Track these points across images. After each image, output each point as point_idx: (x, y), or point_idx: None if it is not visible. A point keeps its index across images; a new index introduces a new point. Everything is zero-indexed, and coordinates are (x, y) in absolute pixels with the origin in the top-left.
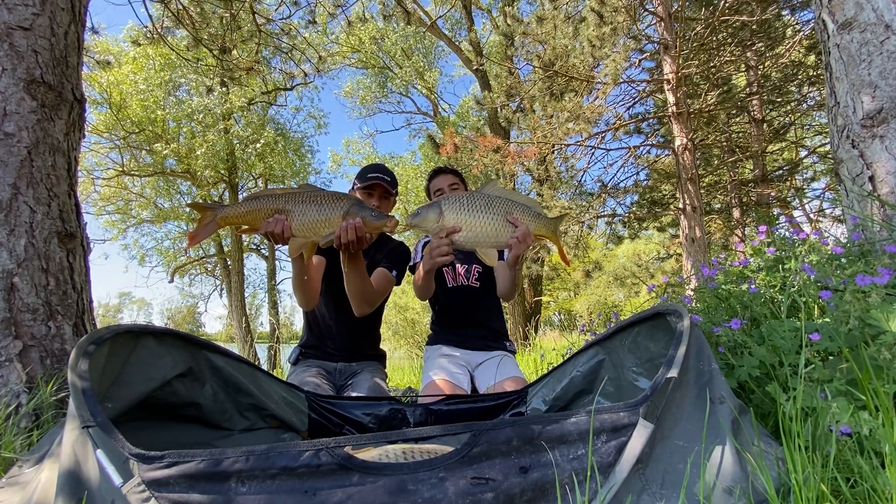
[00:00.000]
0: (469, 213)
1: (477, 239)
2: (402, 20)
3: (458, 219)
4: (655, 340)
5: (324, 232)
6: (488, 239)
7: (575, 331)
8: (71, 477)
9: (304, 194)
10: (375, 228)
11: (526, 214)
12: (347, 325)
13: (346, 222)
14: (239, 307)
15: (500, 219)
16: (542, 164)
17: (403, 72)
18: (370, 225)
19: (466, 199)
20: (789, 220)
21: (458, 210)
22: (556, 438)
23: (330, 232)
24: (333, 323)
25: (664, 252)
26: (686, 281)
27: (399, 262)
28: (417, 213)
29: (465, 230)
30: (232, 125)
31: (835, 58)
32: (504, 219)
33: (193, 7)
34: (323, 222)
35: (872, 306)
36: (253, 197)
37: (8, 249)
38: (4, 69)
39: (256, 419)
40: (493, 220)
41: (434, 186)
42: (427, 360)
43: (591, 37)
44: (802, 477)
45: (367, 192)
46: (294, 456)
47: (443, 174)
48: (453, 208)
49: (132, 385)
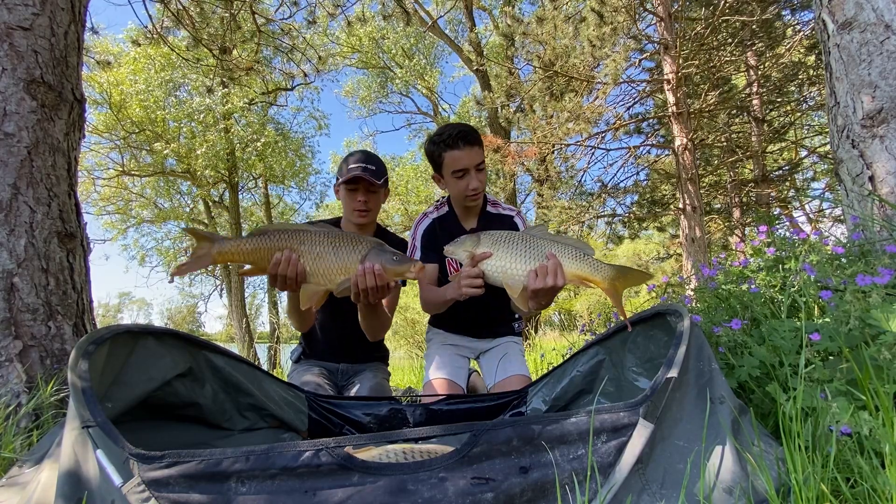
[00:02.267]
0: (507, 249)
1: (508, 274)
2: (402, 20)
3: (494, 250)
4: (655, 340)
5: (339, 278)
6: (520, 278)
7: (575, 331)
8: (71, 477)
9: (319, 234)
10: (397, 275)
11: (568, 253)
12: (348, 328)
13: (364, 266)
14: (239, 307)
15: (538, 259)
16: (542, 164)
17: (404, 72)
18: (391, 271)
19: (508, 235)
20: (789, 220)
21: (495, 243)
22: (556, 438)
23: (346, 279)
24: (334, 326)
25: (664, 252)
26: (686, 281)
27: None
28: (455, 241)
29: (498, 263)
30: (232, 125)
31: (835, 58)
32: (542, 260)
33: (193, 7)
34: (339, 268)
35: (873, 306)
36: (260, 232)
37: (8, 249)
38: (4, 69)
39: (256, 419)
40: (529, 259)
41: (454, 163)
42: (430, 347)
43: (592, 37)
44: (802, 477)
45: (351, 189)
46: (294, 456)
47: (467, 145)
48: (491, 240)
49: (132, 385)
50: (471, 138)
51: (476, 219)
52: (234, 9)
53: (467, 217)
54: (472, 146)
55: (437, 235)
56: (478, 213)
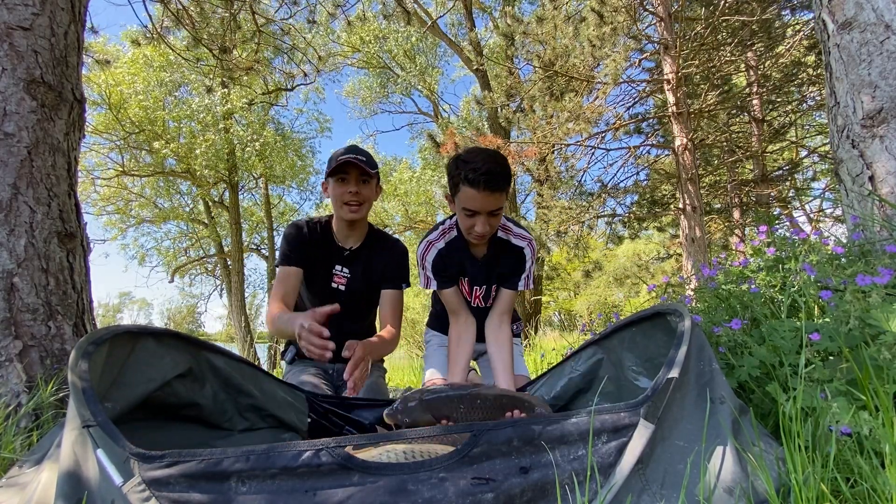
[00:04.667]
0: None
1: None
2: (403, 20)
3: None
4: (654, 340)
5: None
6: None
7: (575, 331)
8: (71, 477)
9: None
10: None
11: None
12: (343, 329)
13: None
14: (239, 307)
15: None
16: (542, 164)
17: (406, 73)
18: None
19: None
20: (789, 220)
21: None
22: (557, 439)
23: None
24: (327, 327)
25: (664, 252)
26: (686, 281)
27: (404, 271)
28: (398, 410)
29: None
30: (232, 125)
31: (835, 58)
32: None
33: (193, 7)
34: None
35: (873, 306)
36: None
37: (8, 249)
38: (4, 69)
39: (256, 419)
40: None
41: (468, 201)
42: (428, 348)
43: (592, 37)
44: (802, 477)
45: (341, 179)
46: (294, 456)
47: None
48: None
49: (132, 385)
50: (495, 184)
51: (486, 246)
52: (234, 9)
53: (477, 244)
54: (493, 192)
55: (446, 261)
56: (487, 242)
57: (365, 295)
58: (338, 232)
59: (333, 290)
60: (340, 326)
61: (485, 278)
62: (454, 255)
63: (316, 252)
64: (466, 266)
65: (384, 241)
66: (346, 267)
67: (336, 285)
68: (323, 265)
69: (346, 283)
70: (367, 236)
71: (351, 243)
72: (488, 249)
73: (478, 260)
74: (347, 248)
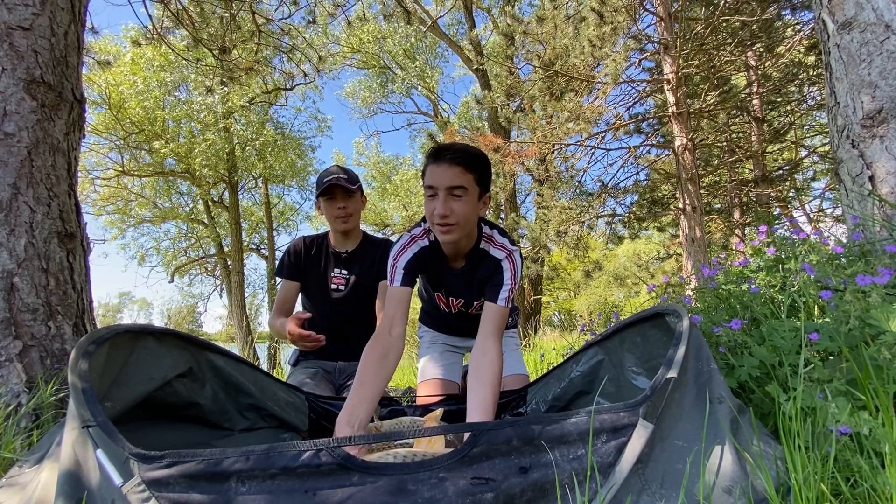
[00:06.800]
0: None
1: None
2: (403, 20)
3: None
4: (654, 340)
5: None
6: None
7: (575, 331)
8: (71, 477)
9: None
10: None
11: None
12: (343, 329)
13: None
14: (239, 307)
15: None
16: (542, 164)
17: (406, 73)
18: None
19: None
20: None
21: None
22: (556, 438)
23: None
24: (328, 328)
25: (664, 252)
26: (686, 281)
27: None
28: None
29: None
30: (232, 124)
31: (835, 58)
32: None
33: (193, 7)
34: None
35: (872, 306)
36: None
37: (8, 249)
38: (4, 69)
39: (257, 419)
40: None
41: (427, 177)
42: (422, 344)
43: (592, 36)
44: (802, 477)
45: (329, 198)
46: (294, 456)
47: (445, 162)
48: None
49: (132, 385)
50: (453, 156)
51: (464, 259)
52: (234, 9)
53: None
54: (451, 165)
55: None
56: (465, 252)
57: (364, 293)
58: (334, 241)
59: (334, 292)
60: (344, 326)
61: (462, 290)
62: (427, 262)
63: (316, 259)
64: (444, 278)
65: (378, 244)
66: (345, 269)
67: (336, 286)
68: (323, 270)
69: (345, 283)
70: (362, 241)
71: (347, 247)
72: (467, 262)
73: (455, 271)
74: (344, 251)
